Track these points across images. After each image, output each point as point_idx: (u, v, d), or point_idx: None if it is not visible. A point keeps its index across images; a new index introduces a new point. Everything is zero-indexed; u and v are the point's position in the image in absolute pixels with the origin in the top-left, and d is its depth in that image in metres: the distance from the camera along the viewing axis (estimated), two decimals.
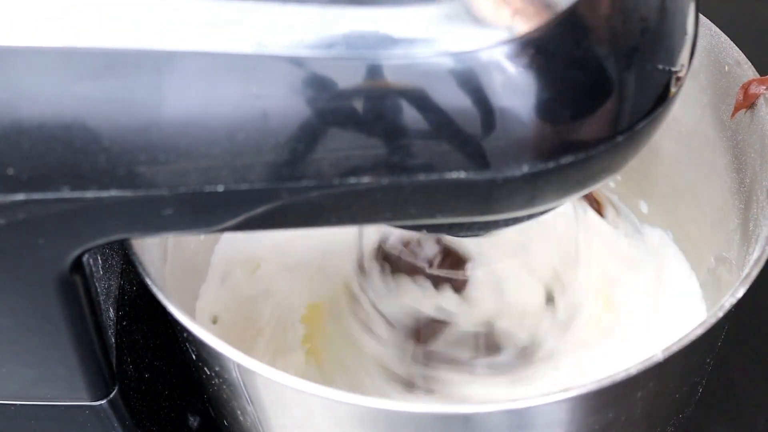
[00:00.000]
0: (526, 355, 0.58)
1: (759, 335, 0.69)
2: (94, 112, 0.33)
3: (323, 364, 0.60)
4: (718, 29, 0.52)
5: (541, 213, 0.39)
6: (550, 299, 0.60)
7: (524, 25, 0.31)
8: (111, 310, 0.46)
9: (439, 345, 0.56)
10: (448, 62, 0.31)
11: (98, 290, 0.43)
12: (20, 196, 0.35)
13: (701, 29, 0.52)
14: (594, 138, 0.33)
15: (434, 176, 0.33)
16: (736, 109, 0.51)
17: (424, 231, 0.42)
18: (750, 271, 0.44)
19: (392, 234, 0.57)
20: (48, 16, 0.33)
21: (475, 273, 0.58)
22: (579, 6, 0.32)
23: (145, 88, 0.33)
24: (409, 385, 0.56)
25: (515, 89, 0.32)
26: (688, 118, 0.56)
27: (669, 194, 0.61)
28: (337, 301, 0.63)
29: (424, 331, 0.56)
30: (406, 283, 0.57)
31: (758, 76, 0.50)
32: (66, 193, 0.35)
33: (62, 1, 0.33)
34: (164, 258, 0.52)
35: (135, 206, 0.35)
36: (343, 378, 0.59)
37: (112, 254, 0.46)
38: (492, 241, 0.58)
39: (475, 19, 0.31)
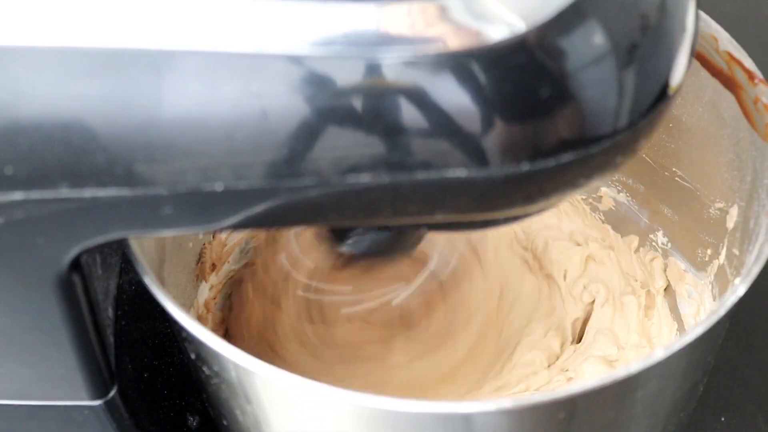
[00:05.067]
0: None
1: (760, 333, 0.69)
2: (93, 110, 0.33)
3: None
4: (718, 26, 0.52)
5: (540, 211, 0.39)
6: None
7: (523, 23, 0.31)
8: (110, 310, 0.45)
9: None
10: (447, 60, 0.31)
11: (97, 290, 0.43)
12: (18, 195, 0.35)
13: (701, 26, 0.52)
14: (594, 136, 0.33)
15: (434, 174, 0.33)
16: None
17: (424, 228, 0.42)
18: (751, 269, 0.44)
19: None
20: (47, 16, 0.33)
21: None
22: (578, 3, 0.32)
23: (144, 87, 0.33)
24: None
25: (515, 87, 0.32)
26: (688, 116, 0.56)
27: (669, 192, 0.61)
28: None
29: None
30: None
31: (758, 72, 0.50)
32: (64, 192, 0.35)
33: (61, 1, 0.33)
34: (162, 257, 0.52)
35: (133, 205, 0.35)
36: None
37: (110, 253, 0.46)
38: None
39: (474, 17, 0.31)
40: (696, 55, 0.53)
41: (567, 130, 0.33)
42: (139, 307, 0.49)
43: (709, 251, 0.58)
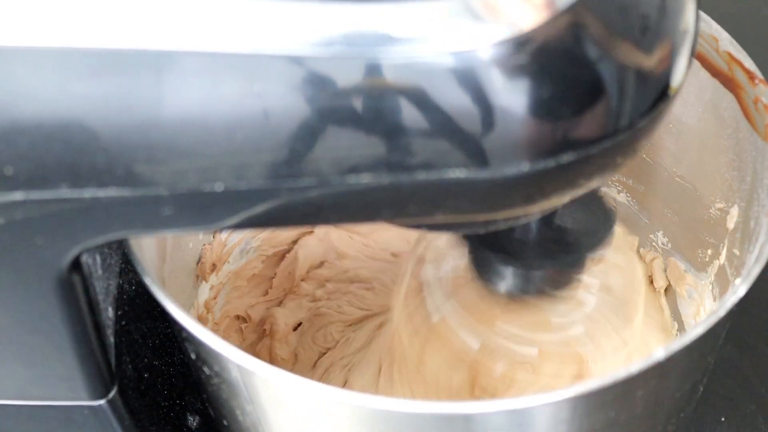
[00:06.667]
0: None
1: (760, 333, 0.69)
2: (93, 111, 0.33)
3: None
4: (718, 26, 0.52)
5: (541, 211, 0.39)
6: None
7: (525, 24, 0.31)
8: (110, 310, 0.45)
9: None
10: (448, 61, 0.31)
11: (97, 290, 0.43)
12: (18, 196, 0.35)
13: (701, 26, 0.52)
14: (594, 136, 0.33)
15: (434, 174, 0.33)
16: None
17: (424, 228, 0.42)
18: (751, 270, 0.44)
19: None
20: (47, 16, 0.33)
21: None
22: (579, 4, 0.32)
23: (144, 87, 0.33)
24: None
25: (515, 87, 0.32)
26: (688, 116, 0.56)
27: (669, 192, 0.61)
28: None
29: None
30: None
31: (759, 72, 0.50)
32: (64, 192, 0.35)
33: (61, 1, 0.33)
34: (163, 257, 0.52)
35: (133, 205, 0.35)
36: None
37: (110, 253, 0.46)
38: None
39: (475, 17, 0.31)
40: (696, 55, 0.53)
41: (567, 131, 0.33)
42: (139, 307, 0.49)
43: (709, 251, 0.58)
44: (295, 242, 0.67)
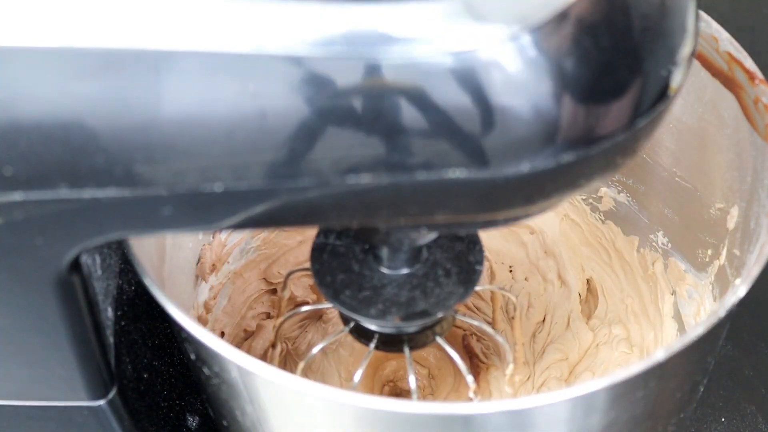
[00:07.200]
0: None
1: (760, 333, 0.69)
2: (93, 111, 0.33)
3: None
4: (718, 26, 0.52)
5: (541, 211, 0.39)
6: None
7: (518, 25, 0.31)
8: (109, 310, 0.45)
9: None
10: (448, 61, 0.31)
11: (96, 290, 0.43)
12: (18, 196, 0.35)
13: (701, 26, 0.52)
14: (594, 137, 0.33)
15: (434, 174, 0.33)
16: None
17: (424, 228, 0.41)
18: (751, 270, 0.44)
19: None
20: (47, 16, 0.32)
21: None
22: (579, 4, 0.32)
23: (143, 87, 0.33)
24: None
25: (515, 88, 0.31)
26: (688, 116, 0.56)
27: (669, 192, 0.61)
28: None
29: None
30: None
31: (759, 72, 0.50)
32: (64, 193, 0.35)
33: (61, 1, 0.33)
34: (162, 258, 0.52)
35: (133, 205, 0.35)
36: None
37: (110, 254, 0.46)
38: None
39: (475, 17, 0.31)
40: (696, 55, 0.53)
41: (566, 131, 0.33)
42: (139, 307, 0.49)
43: (709, 252, 0.58)
44: None
